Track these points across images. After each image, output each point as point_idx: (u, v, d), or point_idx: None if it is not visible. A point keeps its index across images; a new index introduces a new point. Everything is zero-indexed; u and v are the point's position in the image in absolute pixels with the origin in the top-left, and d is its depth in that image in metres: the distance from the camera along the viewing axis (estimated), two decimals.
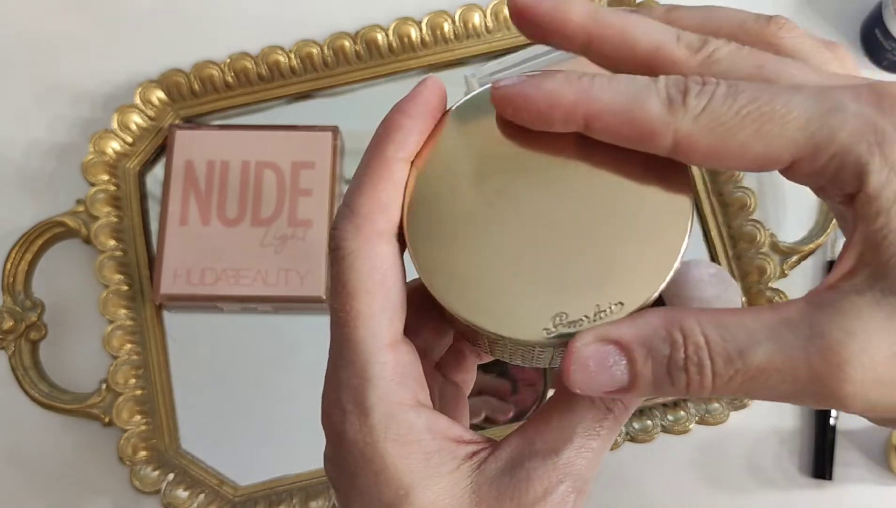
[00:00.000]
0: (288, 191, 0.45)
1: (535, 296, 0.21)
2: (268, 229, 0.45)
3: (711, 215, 0.54)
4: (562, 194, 0.22)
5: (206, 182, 0.46)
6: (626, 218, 0.22)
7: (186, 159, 0.46)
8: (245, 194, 0.46)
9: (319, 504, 0.49)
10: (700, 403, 0.51)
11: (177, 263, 0.45)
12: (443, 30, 0.55)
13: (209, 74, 0.54)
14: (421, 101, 0.23)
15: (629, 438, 0.50)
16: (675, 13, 0.23)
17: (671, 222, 0.22)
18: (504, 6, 0.56)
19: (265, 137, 0.46)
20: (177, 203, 0.46)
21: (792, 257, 0.52)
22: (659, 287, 0.22)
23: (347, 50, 0.55)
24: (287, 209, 0.45)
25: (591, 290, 0.21)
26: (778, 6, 0.59)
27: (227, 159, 0.46)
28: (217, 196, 0.46)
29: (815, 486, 0.51)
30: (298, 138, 0.46)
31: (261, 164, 0.46)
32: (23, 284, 0.51)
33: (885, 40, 0.54)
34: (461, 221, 0.22)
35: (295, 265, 0.44)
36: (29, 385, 0.49)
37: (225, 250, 0.45)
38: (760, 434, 0.52)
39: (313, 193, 0.45)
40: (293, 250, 0.44)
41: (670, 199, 0.22)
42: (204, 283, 0.44)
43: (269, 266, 0.44)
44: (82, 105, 0.56)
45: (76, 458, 0.51)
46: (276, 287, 0.44)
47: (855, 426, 0.52)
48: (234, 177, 0.45)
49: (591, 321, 0.21)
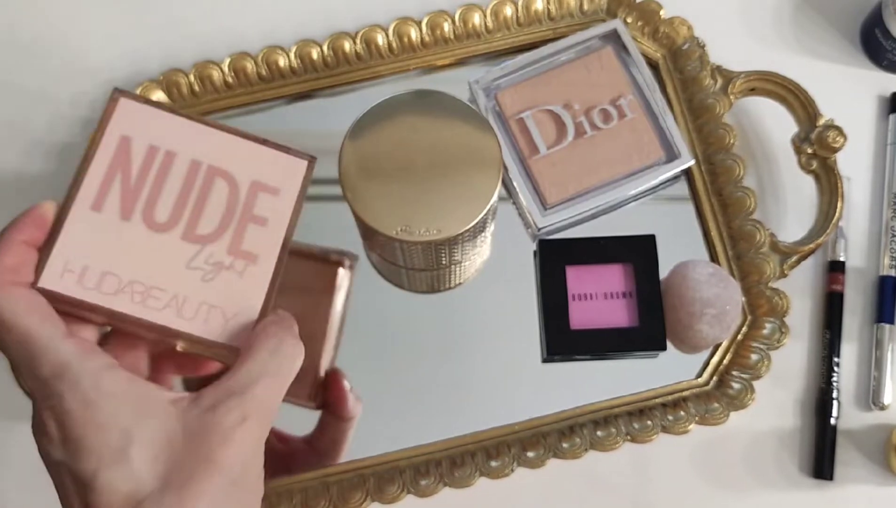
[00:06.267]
0: (239, 212, 0.36)
1: (394, 214, 0.43)
2: (201, 249, 0.35)
3: (711, 215, 0.54)
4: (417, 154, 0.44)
5: (140, 169, 0.36)
6: (456, 176, 0.43)
7: (123, 135, 0.36)
8: (185, 198, 0.36)
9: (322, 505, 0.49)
10: (700, 403, 0.51)
11: (72, 253, 0.34)
12: (443, 30, 0.56)
13: (209, 74, 0.54)
14: (37, 209, 0.34)
15: (629, 438, 0.50)
16: None
17: (486, 180, 0.43)
18: (504, 6, 0.56)
19: (228, 142, 0.37)
20: (95, 182, 0.35)
21: (792, 257, 0.52)
22: (469, 224, 0.43)
23: (347, 50, 0.55)
24: (232, 233, 0.36)
25: (425, 218, 0.42)
26: (778, 6, 0.59)
27: (174, 151, 0.36)
28: (149, 190, 0.36)
29: (815, 486, 0.51)
30: (268, 156, 0.37)
31: (214, 170, 0.36)
32: None
33: (885, 40, 0.54)
34: (379, 176, 0.43)
35: (222, 303, 0.35)
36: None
37: (139, 258, 0.35)
38: (760, 434, 0.52)
39: (268, 224, 0.36)
40: (225, 285, 0.35)
41: (486, 162, 0.43)
42: (100, 290, 0.34)
43: (190, 294, 0.35)
44: (82, 105, 0.56)
45: None
46: (192, 323, 0.34)
47: (855, 426, 0.52)
48: (177, 174, 0.36)
49: (419, 234, 0.42)
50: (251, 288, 0.35)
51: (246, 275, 0.35)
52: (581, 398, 0.51)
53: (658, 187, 0.54)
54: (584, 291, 0.51)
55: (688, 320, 0.49)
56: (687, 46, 0.55)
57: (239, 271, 0.35)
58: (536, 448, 0.50)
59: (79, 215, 0.35)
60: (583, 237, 0.52)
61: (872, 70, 0.57)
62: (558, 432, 0.50)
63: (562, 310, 0.51)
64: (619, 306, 0.51)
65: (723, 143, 0.54)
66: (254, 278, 0.35)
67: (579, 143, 0.53)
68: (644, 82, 0.54)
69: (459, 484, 0.49)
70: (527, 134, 0.53)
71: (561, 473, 0.50)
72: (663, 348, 0.51)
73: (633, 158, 0.53)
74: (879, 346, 0.52)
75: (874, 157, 0.56)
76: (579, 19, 0.57)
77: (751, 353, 0.51)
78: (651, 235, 0.52)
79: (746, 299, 0.52)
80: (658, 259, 0.51)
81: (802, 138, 0.53)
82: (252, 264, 0.36)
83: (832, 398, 0.51)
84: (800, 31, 0.58)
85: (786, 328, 0.51)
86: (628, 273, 0.51)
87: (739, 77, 0.54)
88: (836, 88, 0.56)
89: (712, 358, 0.52)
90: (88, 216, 0.35)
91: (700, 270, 0.50)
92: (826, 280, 0.54)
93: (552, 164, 0.52)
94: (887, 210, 0.54)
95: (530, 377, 0.52)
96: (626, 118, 0.53)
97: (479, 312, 0.52)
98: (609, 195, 0.52)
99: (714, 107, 0.54)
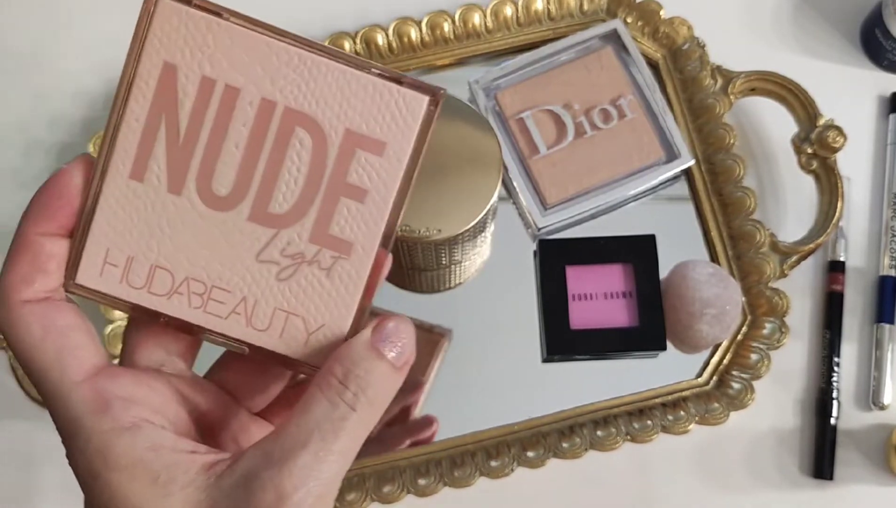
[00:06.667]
0: (326, 179, 0.26)
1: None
2: (275, 235, 0.26)
3: (711, 215, 0.54)
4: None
5: (191, 116, 0.26)
6: (456, 176, 0.43)
7: (167, 61, 0.26)
8: (253, 159, 0.26)
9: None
10: (700, 403, 0.51)
11: (113, 241, 0.26)
12: (443, 30, 0.56)
13: None
14: (59, 180, 0.25)
15: (629, 438, 0.50)
16: None
17: (486, 180, 0.43)
18: (504, 6, 0.56)
19: (311, 67, 0.26)
20: (133, 138, 0.26)
21: (792, 257, 0.52)
22: (469, 224, 0.43)
23: (347, 50, 0.55)
24: (316, 212, 0.26)
25: (425, 218, 0.42)
26: (778, 6, 0.59)
27: (237, 85, 0.26)
28: (204, 148, 0.26)
29: (816, 486, 0.51)
30: (370, 89, 0.26)
31: (293, 114, 0.26)
32: None
33: (885, 40, 0.54)
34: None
35: (303, 310, 0.27)
36: (29, 385, 0.49)
37: (196, 247, 0.26)
38: (760, 434, 0.52)
39: (367, 198, 0.26)
40: (307, 285, 0.26)
41: (486, 162, 0.43)
42: (150, 290, 0.26)
43: (261, 296, 0.27)
44: (82, 105, 0.56)
45: None
46: (264, 335, 0.27)
47: (855, 426, 0.52)
48: (242, 122, 0.26)
49: (419, 234, 0.42)
50: (341, 292, 0.27)
51: (335, 272, 0.27)
52: (581, 398, 0.51)
53: (658, 187, 0.54)
54: (584, 291, 0.51)
55: (688, 320, 0.49)
56: (687, 46, 0.55)
57: (325, 268, 0.27)
58: (536, 448, 0.50)
59: (115, 187, 0.26)
60: (583, 237, 0.52)
61: (872, 70, 0.57)
62: (558, 432, 0.50)
63: (562, 310, 0.51)
64: (619, 306, 0.51)
65: (723, 143, 0.54)
66: (345, 276, 0.26)
67: (579, 143, 0.53)
68: (644, 82, 0.54)
69: (459, 484, 0.49)
70: (527, 134, 0.53)
71: (561, 473, 0.50)
72: (663, 348, 0.51)
73: (633, 158, 0.53)
74: (879, 346, 0.52)
75: (874, 157, 0.56)
76: (579, 19, 0.57)
77: (751, 353, 0.51)
78: (651, 235, 0.52)
79: (746, 299, 0.52)
80: (658, 259, 0.51)
81: (802, 138, 0.53)
82: (344, 258, 0.26)
83: (832, 398, 0.51)
84: (800, 31, 0.58)
85: (786, 327, 0.51)
86: (628, 273, 0.51)
87: (739, 77, 0.54)
88: (836, 88, 0.56)
89: (712, 358, 0.52)
90: (128, 188, 0.26)
91: (700, 270, 0.50)
92: (826, 280, 0.54)
93: (552, 164, 0.52)
94: (887, 210, 0.54)
95: (530, 377, 0.52)
96: (626, 118, 0.53)
97: (479, 312, 0.52)
98: (609, 195, 0.52)
99: (714, 107, 0.54)
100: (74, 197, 0.25)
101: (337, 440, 0.23)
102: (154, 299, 0.27)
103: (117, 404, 0.24)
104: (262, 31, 0.26)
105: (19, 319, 0.24)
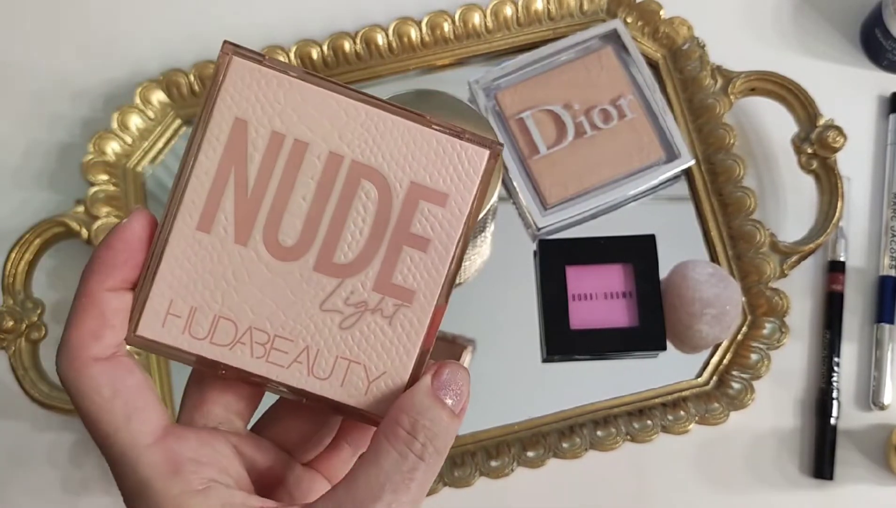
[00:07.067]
0: (391, 229, 0.27)
1: None
2: (339, 284, 0.27)
3: (711, 215, 0.54)
4: None
5: (259, 169, 0.27)
6: None
7: (238, 117, 0.27)
8: (319, 211, 0.27)
9: None
10: (700, 403, 0.51)
11: (176, 291, 0.27)
12: (443, 30, 0.56)
13: (209, 74, 0.54)
14: (123, 234, 0.25)
15: (629, 438, 0.50)
16: None
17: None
18: (504, 6, 0.56)
19: (377, 122, 0.27)
20: (201, 191, 0.26)
21: (792, 257, 0.52)
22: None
23: (347, 50, 0.55)
24: (381, 261, 0.27)
25: None
26: (778, 6, 0.59)
27: (305, 139, 0.27)
28: (272, 200, 0.27)
29: (816, 486, 0.51)
30: (433, 143, 0.27)
31: (360, 167, 0.27)
32: (23, 284, 0.51)
33: (885, 40, 0.54)
34: None
35: (365, 358, 0.27)
36: (29, 385, 0.49)
37: (261, 297, 0.27)
38: (760, 434, 0.52)
39: (430, 247, 0.27)
40: (370, 333, 0.27)
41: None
42: (212, 341, 0.27)
43: (324, 345, 0.27)
44: (82, 105, 0.56)
45: (76, 458, 0.51)
46: (325, 384, 0.27)
47: (855, 426, 0.52)
48: (309, 175, 0.27)
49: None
50: (402, 340, 0.27)
51: (396, 320, 0.27)
52: (581, 398, 0.51)
53: (658, 187, 0.54)
54: (584, 291, 0.51)
55: (688, 320, 0.49)
56: (687, 46, 0.55)
57: (388, 316, 0.27)
58: (536, 448, 0.50)
59: (182, 238, 0.27)
60: (583, 237, 0.52)
61: (872, 70, 0.57)
62: (558, 432, 0.50)
63: (562, 310, 0.51)
64: (619, 306, 0.51)
65: (723, 143, 0.54)
66: (407, 324, 0.27)
67: (579, 143, 0.53)
68: (644, 82, 0.54)
69: (459, 484, 0.49)
70: (527, 134, 0.53)
71: (561, 473, 0.50)
72: (663, 348, 0.51)
73: (633, 158, 0.53)
74: (879, 346, 0.52)
75: (874, 157, 0.56)
76: (579, 19, 0.57)
77: (751, 353, 0.51)
78: (651, 235, 0.52)
79: (746, 299, 0.52)
80: (658, 259, 0.51)
81: (802, 138, 0.53)
82: (406, 306, 0.27)
83: (832, 398, 0.51)
84: (800, 31, 0.58)
85: (786, 327, 0.51)
86: (628, 273, 0.51)
87: (739, 77, 0.54)
88: (836, 88, 0.56)
89: (712, 358, 0.52)
90: (194, 239, 0.27)
91: (700, 270, 0.50)
92: (826, 280, 0.54)
93: (552, 164, 0.52)
94: (887, 210, 0.54)
95: (530, 377, 0.52)
96: (626, 118, 0.53)
97: (479, 312, 0.52)
98: (609, 195, 0.52)
99: (714, 107, 0.54)
100: (139, 251, 0.25)
101: (408, 491, 0.23)
102: (216, 350, 0.27)
103: (187, 466, 0.24)
104: (330, 88, 0.27)
105: (89, 379, 0.24)
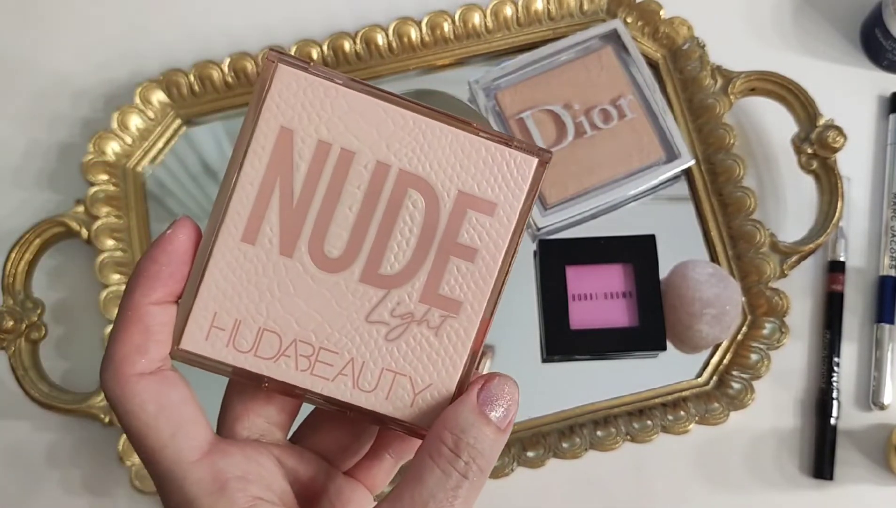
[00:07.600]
0: (438, 239, 0.26)
1: None
2: (386, 295, 0.26)
3: (711, 215, 0.54)
4: None
5: (305, 179, 0.26)
6: None
7: (284, 126, 0.26)
8: (366, 221, 0.26)
9: None
10: (700, 403, 0.51)
11: (221, 304, 0.26)
12: (443, 30, 0.55)
13: (209, 74, 0.54)
14: (167, 246, 0.24)
15: (629, 438, 0.50)
16: None
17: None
18: (504, 6, 0.56)
19: (425, 130, 0.26)
20: (247, 201, 0.26)
21: (792, 257, 0.52)
22: None
23: (347, 50, 0.55)
24: (427, 271, 0.26)
25: None
26: (778, 6, 0.59)
27: (352, 148, 0.26)
28: (318, 210, 0.26)
29: (816, 486, 0.51)
30: (481, 151, 0.26)
31: (407, 176, 0.26)
32: (23, 284, 0.51)
33: (885, 40, 0.54)
34: None
35: (411, 370, 0.26)
36: (29, 385, 0.49)
37: (306, 310, 0.26)
38: (760, 434, 0.52)
39: (477, 257, 0.26)
40: (416, 345, 0.26)
41: None
42: (256, 354, 0.26)
43: (369, 358, 0.26)
44: (82, 105, 0.56)
45: (76, 458, 0.51)
46: (371, 396, 0.26)
47: (855, 426, 0.52)
48: (356, 185, 0.26)
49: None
50: (449, 351, 0.26)
51: (443, 331, 0.26)
52: (581, 398, 0.51)
53: (658, 187, 0.54)
54: (584, 291, 0.51)
55: (688, 320, 0.49)
56: (687, 46, 0.55)
57: (434, 327, 0.26)
58: (536, 447, 0.50)
59: (226, 250, 0.26)
60: (583, 237, 0.52)
61: (872, 70, 0.57)
62: (558, 432, 0.50)
63: (562, 310, 0.51)
64: (619, 306, 0.51)
65: (723, 143, 0.54)
66: (453, 335, 0.26)
67: (579, 143, 0.53)
68: (644, 82, 0.54)
69: None
70: (527, 134, 0.53)
71: (561, 473, 0.50)
72: (663, 348, 0.51)
73: (633, 158, 0.53)
74: (879, 346, 0.52)
75: (874, 157, 0.56)
76: (579, 19, 0.57)
77: (751, 353, 0.51)
78: (651, 235, 0.52)
79: (746, 299, 0.52)
80: (658, 259, 0.51)
81: (802, 138, 0.53)
82: (453, 317, 0.26)
83: (832, 398, 0.51)
84: (800, 31, 0.58)
85: (786, 328, 0.51)
86: (628, 273, 0.51)
87: (739, 77, 0.54)
88: (836, 88, 0.56)
89: (712, 358, 0.52)
90: (239, 251, 0.26)
91: (700, 270, 0.50)
92: (826, 280, 0.54)
93: (552, 164, 0.52)
94: (887, 210, 0.54)
95: (530, 377, 0.51)
96: (626, 118, 0.53)
97: None
98: (609, 195, 0.52)
99: (714, 107, 0.54)
100: (184, 263, 0.25)
101: (454, 503, 0.23)
102: (261, 363, 0.26)
103: (233, 484, 0.24)
104: (376, 96, 0.26)
105: (134, 396, 0.23)
